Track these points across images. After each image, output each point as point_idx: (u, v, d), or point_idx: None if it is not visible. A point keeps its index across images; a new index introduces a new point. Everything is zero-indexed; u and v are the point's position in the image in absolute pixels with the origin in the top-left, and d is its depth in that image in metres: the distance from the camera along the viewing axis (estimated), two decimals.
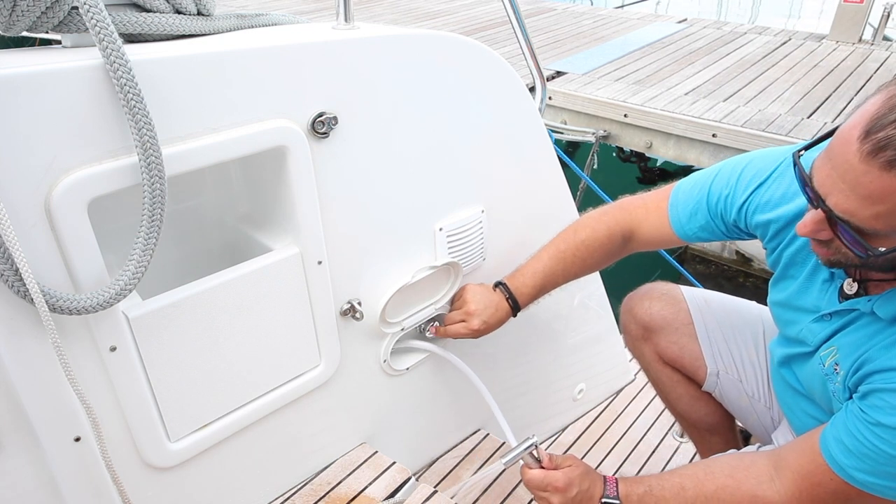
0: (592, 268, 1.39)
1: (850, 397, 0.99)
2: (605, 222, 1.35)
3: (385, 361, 1.40)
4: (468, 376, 1.37)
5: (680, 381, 1.51)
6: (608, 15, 7.74)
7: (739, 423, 1.59)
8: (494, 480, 1.64)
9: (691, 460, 1.86)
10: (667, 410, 1.68)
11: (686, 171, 5.72)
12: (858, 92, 4.95)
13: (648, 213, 1.32)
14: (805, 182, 0.87)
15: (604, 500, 1.14)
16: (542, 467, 1.18)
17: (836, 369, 1.02)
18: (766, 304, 1.27)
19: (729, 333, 1.45)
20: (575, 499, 1.13)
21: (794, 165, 0.90)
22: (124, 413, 0.99)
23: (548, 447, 1.94)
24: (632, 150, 5.76)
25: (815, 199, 0.85)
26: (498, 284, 1.38)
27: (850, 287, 1.01)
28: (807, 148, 0.93)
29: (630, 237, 1.35)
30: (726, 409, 1.52)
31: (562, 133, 5.13)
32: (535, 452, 1.18)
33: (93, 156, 0.82)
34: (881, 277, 0.97)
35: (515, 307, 1.36)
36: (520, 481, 1.60)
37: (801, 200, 1.02)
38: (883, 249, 0.83)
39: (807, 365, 1.11)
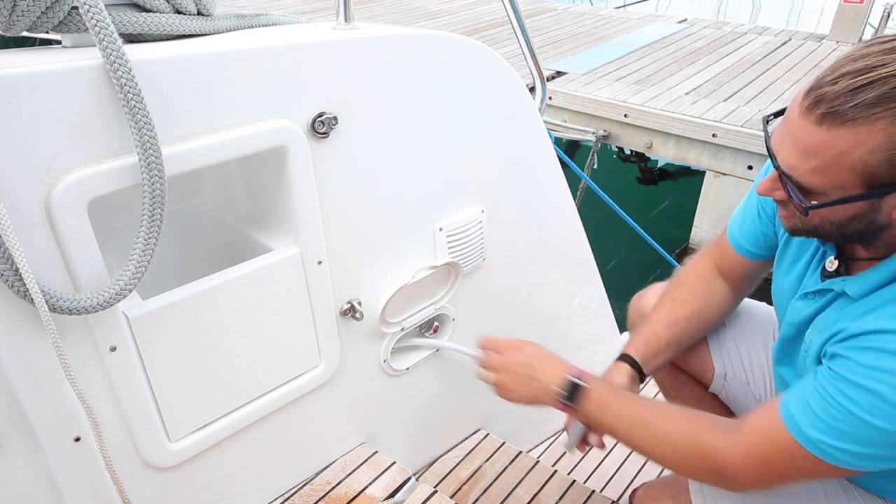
0: (714, 322, 1.39)
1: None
2: (694, 277, 1.36)
3: (385, 361, 1.40)
4: (471, 354, 1.34)
5: (686, 382, 1.50)
6: (608, 15, 7.73)
7: None
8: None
9: None
10: None
11: (686, 170, 5.75)
12: None
13: (717, 245, 1.35)
14: (766, 142, 0.91)
15: (568, 375, 1.12)
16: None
17: (811, 343, 1.03)
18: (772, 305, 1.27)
19: (738, 335, 1.43)
20: (526, 361, 1.15)
21: (763, 129, 0.94)
22: (124, 413, 0.99)
23: (547, 447, 1.94)
24: (632, 150, 5.76)
25: (771, 157, 0.89)
26: (622, 358, 1.30)
27: (832, 264, 1.02)
28: (776, 115, 0.96)
29: (720, 274, 1.36)
30: (732, 411, 1.51)
31: (562, 132, 5.13)
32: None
33: (93, 156, 0.82)
34: (865, 256, 0.97)
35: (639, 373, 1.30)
36: (518, 482, 1.61)
37: None
38: (815, 203, 0.85)
39: (797, 355, 1.12)
